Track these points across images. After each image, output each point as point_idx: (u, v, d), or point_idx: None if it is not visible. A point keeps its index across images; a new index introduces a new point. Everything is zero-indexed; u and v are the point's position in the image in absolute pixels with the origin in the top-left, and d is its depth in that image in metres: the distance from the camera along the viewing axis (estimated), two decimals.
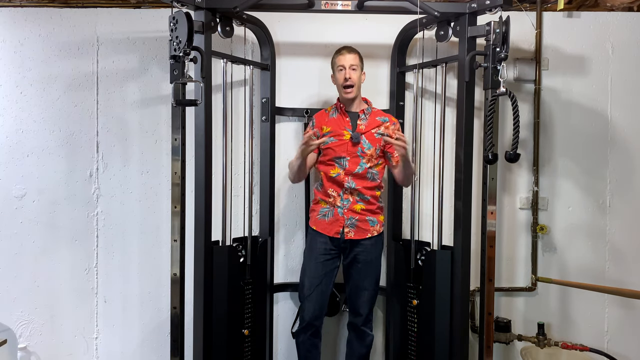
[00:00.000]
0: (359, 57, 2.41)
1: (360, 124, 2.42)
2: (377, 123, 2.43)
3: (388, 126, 2.42)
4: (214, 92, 2.54)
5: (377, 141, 2.40)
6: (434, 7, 2.34)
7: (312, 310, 2.42)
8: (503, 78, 2.16)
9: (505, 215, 2.85)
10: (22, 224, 2.82)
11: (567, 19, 2.83)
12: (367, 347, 2.50)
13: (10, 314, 2.83)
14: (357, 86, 2.39)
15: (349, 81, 2.36)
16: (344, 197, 2.39)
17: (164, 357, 2.80)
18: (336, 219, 2.40)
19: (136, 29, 2.80)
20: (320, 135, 2.41)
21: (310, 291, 2.42)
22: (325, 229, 2.43)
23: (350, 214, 2.39)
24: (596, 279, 2.82)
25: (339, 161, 2.40)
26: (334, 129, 2.43)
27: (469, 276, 2.45)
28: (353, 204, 2.39)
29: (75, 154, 2.82)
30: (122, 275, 2.86)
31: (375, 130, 2.41)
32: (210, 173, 2.40)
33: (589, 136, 2.85)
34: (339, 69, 2.39)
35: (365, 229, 2.40)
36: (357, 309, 2.46)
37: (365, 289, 2.43)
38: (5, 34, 2.78)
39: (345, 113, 2.44)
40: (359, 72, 2.40)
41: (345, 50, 2.40)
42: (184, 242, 2.36)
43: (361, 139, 2.39)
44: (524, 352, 2.73)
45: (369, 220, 2.41)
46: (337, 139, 2.41)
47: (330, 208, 2.42)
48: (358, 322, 2.46)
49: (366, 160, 2.38)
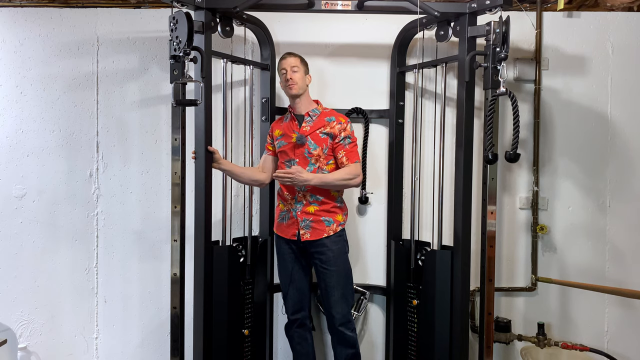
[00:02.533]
0: (299, 60, 2.46)
1: (304, 126, 2.44)
2: (323, 123, 2.44)
3: (333, 126, 2.42)
4: (214, 92, 2.54)
5: (323, 141, 2.41)
6: (434, 7, 2.34)
7: (291, 306, 2.52)
8: (503, 78, 2.16)
9: (505, 215, 2.85)
10: (22, 224, 2.82)
11: (567, 19, 2.83)
12: (352, 347, 2.44)
13: (10, 314, 2.83)
14: (299, 85, 2.42)
15: (290, 81, 2.41)
16: (297, 199, 2.42)
17: (164, 357, 2.81)
18: (292, 222, 2.44)
19: (136, 29, 2.81)
20: (275, 139, 2.52)
21: (286, 289, 2.52)
22: (284, 232, 2.48)
23: (304, 216, 2.41)
24: (596, 279, 2.82)
25: (289, 163, 2.44)
26: (285, 132, 2.48)
27: (469, 276, 2.45)
28: (306, 206, 2.41)
29: (75, 154, 2.82)
30: (122, 275, 2.86)
31: (320, 130, 2.42)
32: (210, 173, 2.40)
33: (589, 136, 2.85)
34: (282, 72, 2.45)
35: (320, 229, 2.41)
36: (330, 310, 2.43)
37: (332, 287, 2.41)
38: (5, 34, 2.78)
39: (294, 117, 2.48)
40: (301, 72, 2.44)
41: (287, 55, 2.47)
42: (184, 242, 2.36)
43: (306, 140, 2.41)
44: (524, 352, 2.74)
45: (325, 220, 2.42)
46: (287, 141, 2.46)
47: (287, 211, 2.47)
48: (335, 323, 2.41)
49: (314, 160, 2.41)
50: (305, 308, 2.54)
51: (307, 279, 2.55)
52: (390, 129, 2.78)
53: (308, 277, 2.55)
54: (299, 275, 2.50)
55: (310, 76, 2.51)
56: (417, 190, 2.73)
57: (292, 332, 2.56)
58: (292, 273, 2.50)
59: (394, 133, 2.74)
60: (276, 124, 2.57)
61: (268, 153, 2.57)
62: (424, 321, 2.56)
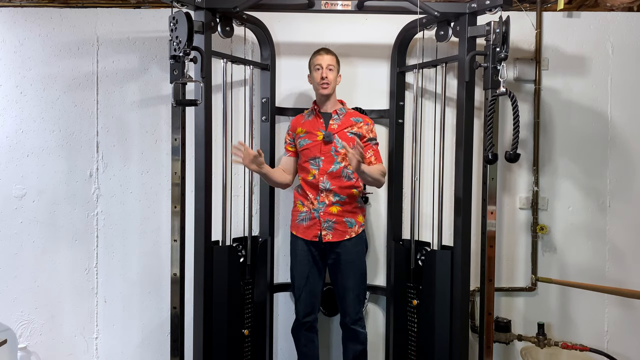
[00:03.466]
0: (336, 59, 2.46)
1: (332, 124, 2.45)
2: (351, 123, 2.45)
3: (361, 126, 2.44)
4: (214, 92, 2.54)
5: (350, 140, 2.41)
6: (434, 7, 2.34)
7: (302, 309, 2.51)
8: (503, 78, 2.16)
9: (505, 215, 2.85)
10: (22, 224, 2.82)
11: (567, 19, 2.83)
12: (362, 343, 2.52)
13: (10, 314, 2.83)
14: (332, 85, 2.43)
15: (325, 80, 2.40)
16: (320, 199, 2.41)
17: (164, 357, 2.81)
18: (313, 223, 2.43)
19: (136, 29, 2.81)
20: (296, 137, 2.50)
21: (300, 292, 2.50)
22: (304, 233, 2.46)
23: (327, 217, 2.41)
24: (596, 279, 2.82)
25: (314, 161, 2.43)
26: (309, 130, 2.47)
27: (469, 276, 2.45)
28: (329, 206, 2.41)
29: (75, 154, 2.82)
30: (122, 275, 2.86)
31: (347, 129, 2.43)
32: (210, 173, 2.40)
33: (589, 136, 2.85)
34: (316, 68, 2.43)
35: (343, 231, 2.42)
36: (344, 309, 2.49)
37: (349, 289, 2.45)
38: (5, 34, 2.78)
39: (319, 114, 2.48)
40: (336, 72, 2.45)
41: (323, 51, 2.46)
42: (184, 242, 2.36)
43: (334, 138, 2.41)
44: (524, 352, 2.74)
45: (347, 221, 2.43)
46: (311, 139, 2.45)
47: (307, 212, 2.45)
48: (348, 321, 2.48)
49: (340, 159, 2.41)
50: (315, 311, 2.54)
51: (321, 282, 2.53)
52: (390, 129, 2.78)
53: (322, 280, 2.54)
54: (314, 278, 2.49)
55: (341, 75, 2.52)
56: (417, 190, 2.73)
57: (301, 334, 2.54)
58: (308, 276, 2.48)
59: (394, 133, 2.74)
60: (297, 122, 2.55)
61: (288, 155, 2.56)
62: (424, 321, 2.56)
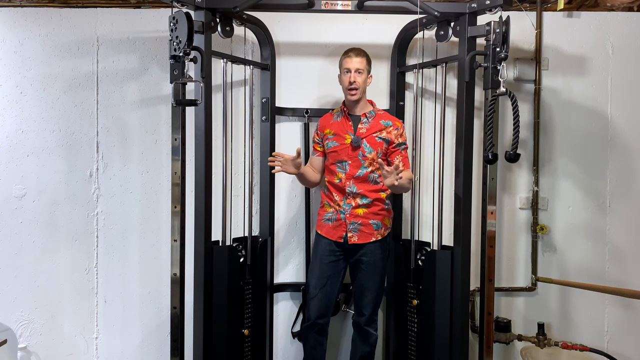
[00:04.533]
0: (366, 60, 2.39)
1: (361, 128, 2.42)
2: (380, 127, 2.41)
3: (390, 131, 2.41)
4: (214, 92, 2.54)
5: (378, 145, 2.39)
6: (434, 7, 2.34)
7: (317, 309, 2.46)
8: (503, 78, 2.16)
9: (505, 215, 2.85)
10: (22, 224, 2.82)
11: (567, 19, 2.83)
12: (371, 346, 2.51)
13: (10, 314, 2.83)
14: (361, 89, 2.38)
15: (353, 84, 2.36)
16: (346, 201, 2.40)
17: (164, 357, 2.81)
18: (339, 224, 2.42)
19: (136, 29, 2.80)
20: (324, 138, 2.47)
21: (316, 292, 2.46)
22: (329, 233, 2.45)
23: (353, 219, 2.39)
24: (596, 279, 2.82)
25: (341, 164, 2.41)
26: (337, 132, 2.44)
27: (469, 276, 2.45)
28: (355, 208, 2.39)
29: (75, 154, 2.82)
30: (122, 275, 2.86)
31: (377, 134, 2.40)
32: (210, 173, 2.40)
33: (589, 136, 2.85)
34: (345, 71, 2.39)
35: (369, 233, 2.40)
36: (360, 309, 2.49)
37: (368, 290, 2.44)
38: (5, 34, 2.78)
39: (348, 117, 2.45)
40: (365, 75, 2.39)
41: (353, 53, 2.38)
42: (184, 242, 2.36)
43: (362, 142, 2.39)
44: (524, 352, 2.74)
45: (373, 223, 2.41)
46: (339, 142, 2.43)
47: (334, 212, 2.44)
48: (361, 321, 2.48)
49: (367, 164, 2.39)
50: (329, 314, 2.50)
51: (340, 285, 2.50)
52: None
53: (341, 282, 2.50)
54: (334, 280, 2.46)
55: (372, 76, 2.46)
56: (417, 190, 2.73)
57: (310, 336, 2.51)
58: (329, 276, 2.44)
59: None
60: (325, 122, 2.52)
61: (317, 154, 2.54)
62: (424, 321, 2.56)
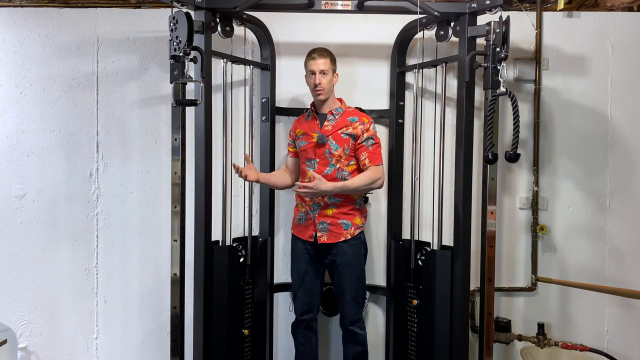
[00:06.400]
0: (330, 60, 2.39)
1: (327, 125, 2.42)
2: (346, 123, 2.41)
3: (356, 126, 2.40)
4: (214, 92, 2.54)
5: (344, 141, 2.39)
6: (434, 7, 2.34)
7: (300, 306, 2.52)
8: (503, 78, 2.16)
9: (505, 215, 2.85)
10: (22, 224, 2.82)
11: (567, 19, 2.83)
12: (361, 345, 2.50)
13: (10, 314, 2.83)
14: (327, 89, 2.39)
15: (318, 87, 2.37)
16: (315, 201, 2.41)
17: (164, 357, 2.80)
18: (309, 223, 2.44)
19: (136, 29, 2.80)
20: (296, 138, 2.51)
21: (297, 289, 2.51)
22: (301, 233, 2.48)
23: (322, 219, 2.41)
24: (596, 279, 2.82)
25: (310, 163, 2.43)
26: (306, 131, 2.46)
27: (469, 276, 2.45)
28: (324, 208, 2.40)
29: (75, 154, 2.82)
30: (122, 275, 2.86)
31: (342, 130, 2.40)
32: (210, 173, 2.40)
33: (589, 136, 2.85)
34: (310, 74, 2.40)
35: (338, 233, 2.40)
36: (342, 309, 2.50)
37: (346, 290, 2.44)
38: (5, 34, 2.78)
39: (316, 116, 2.47)
40: (330, 75, 2.39)
41: (316, 54, 2.38)
42: (184, 242, 2.36)
43: (327, 140, 2.39)
44: (524, 352, 2.74)
45: (342, 223, 2.41)
46: (307, 141, 2.44)
47: (305, 212, 2.46)
48: (346, 322, 2.48)
49: (335, 161, 2.39)
50: (313, 310, 2.53)
51: (319, 281, 2.53)
52: (390, 129, 2.78)
53: (320, 280, 2.53)
54: (310, 277, 2.49)
55: (338, 74, 2.46)
56: (417, 190, 2.73)
57: (298, 332, 2.55)
58: (304, 274, 2.48)
59: (394, 133, 2.74)
60: (298, 123, 2.55)
61: (290, 155, 2.58)
62: (424, 321, 2.56)
